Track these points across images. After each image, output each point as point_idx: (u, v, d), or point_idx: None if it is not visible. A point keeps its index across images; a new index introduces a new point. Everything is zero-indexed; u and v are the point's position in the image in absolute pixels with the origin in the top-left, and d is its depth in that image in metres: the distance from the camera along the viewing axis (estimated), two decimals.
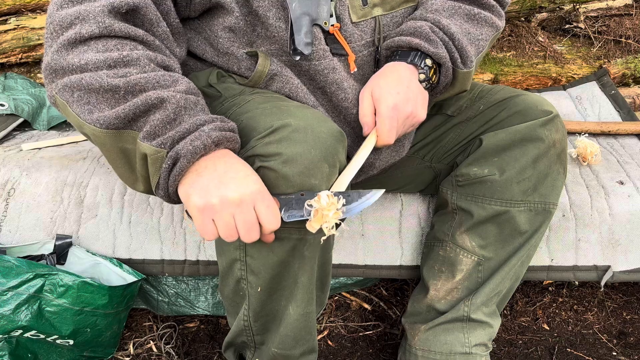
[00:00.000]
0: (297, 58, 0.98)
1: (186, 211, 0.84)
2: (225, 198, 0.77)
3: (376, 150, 1.06)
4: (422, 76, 1.03)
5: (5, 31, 1.83)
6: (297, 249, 0.90)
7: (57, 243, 1.25)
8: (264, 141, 0.84)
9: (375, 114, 1.01)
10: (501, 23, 1.13)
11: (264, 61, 1.00)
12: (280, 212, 0.83)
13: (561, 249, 1.32)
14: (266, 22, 0.98)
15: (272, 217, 0.80)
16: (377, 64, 1.09)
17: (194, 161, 0.78)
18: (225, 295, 1.03)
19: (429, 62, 1.03)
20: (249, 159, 0.85)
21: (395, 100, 0.98)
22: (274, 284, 0.95)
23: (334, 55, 1.02)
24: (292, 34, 0.96)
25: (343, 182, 0.90)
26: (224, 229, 0.80)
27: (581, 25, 2.06)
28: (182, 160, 0.78)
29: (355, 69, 1.05)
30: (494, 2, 1.12)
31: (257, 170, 0.84)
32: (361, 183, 1.23)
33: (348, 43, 1.03)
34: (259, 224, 0.81)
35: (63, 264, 1.25)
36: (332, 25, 1.00)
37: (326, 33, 1.00)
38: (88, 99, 0.81)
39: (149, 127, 0.79)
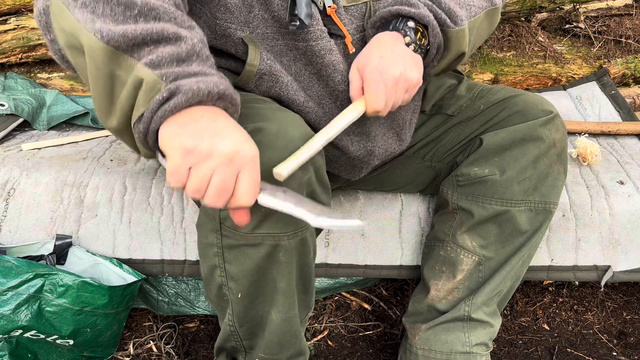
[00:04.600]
0: (294, 29, 0.95)
1: (160, 152, 0.75)
2: (217, 149, 0.70)
3: (373, 137, 1.04)
4: (408, 39, 0.99)
5: (5, 31, 1.83)
6: (273, 255, 0.89)
7: (57, 243, 1.25)
8: None
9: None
10: (497, 0, 1.10)
11: (252, 60, 0.98)
12: (260, 194, 0.76)
13: (561, 249, 1.32)
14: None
15: (250, 191, 0.73)
16: None
17: (192, 102, 0.71)
18: (211, 299, 1.03)
19: (411, 24, 0.99)
20: None
21: (379, 63, 0.94)
22: (253, 290, 0.94)
23: (330, 37, 1.01)
24: (292, 5, 0.94)
25: (321, 136, 0.87)
26: (195, 182, 0.71)
27: (581, 25, 2.06)
28: (179, 96, 0.70)
29: (354, 50, 1.02)
30: None
31: None
32: (363, 179, 1.22)
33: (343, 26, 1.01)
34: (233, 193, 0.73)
35: (63, 264, 1.25)
36: (329, 6, 0.98)
37: (322, 14, 0.99)
38: (94, 7, 0.74)
39: (155, 57, 0.72)
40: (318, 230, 1.00)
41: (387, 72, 0.94)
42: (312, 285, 1.02)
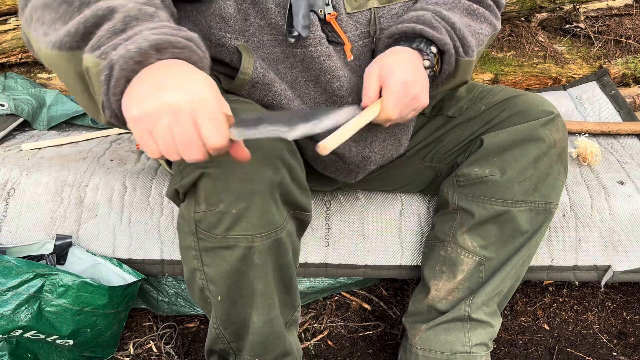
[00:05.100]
0: (292, 40, 0.96)
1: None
2: (159, 104, 0.65)
3: (370, 143, 1.03)
4: (427, 63, 1.00)
5: (5, 31, 1.83)
6: (248, 257, 0.89)
7: (57, 243, 1.25)
8: None
9: (380, 91, 0.97)
10: (498, 24, 1.12)
11: (245, 69, 0.98)
12: (230, 129, 0.70)
13: (561, 249, 1.32)
14: (265, 7, 0.96)
15: (214, 132, 0.67)
16: (374, 55, 1.07)
17: (129, 69, 0.67)
18: (197, 302, 1.03)
19: (434, 49, 1.00)
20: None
21: (406, 77, 0.95)
22: (232, 293, 0.94)
23: (329, 43, 1.01)
24: (290, 17, 0.95)
25: (338, 137, 0.84)
26: (162, 143, 0.67)
27: (581, 25, 2.06)
28: (115, 67, 0.67)
29: (352, 57, 1.03)
30: (491, 2, 1.12)
31: (200, 176, 0.82)
32: (363, 179, 1.22)
33: (343, 33, 1.01)
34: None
35: (63, 264, 1.25)
36: (329, 13, 0.99)
37: (322, 21, 0.99)
38: (43, 17, 0.73)
39: (95, 40, 0.69)
40: (302, 229, 1.00)
41: (410, 89, 0.96)
42: (294, 285, 1.02)
